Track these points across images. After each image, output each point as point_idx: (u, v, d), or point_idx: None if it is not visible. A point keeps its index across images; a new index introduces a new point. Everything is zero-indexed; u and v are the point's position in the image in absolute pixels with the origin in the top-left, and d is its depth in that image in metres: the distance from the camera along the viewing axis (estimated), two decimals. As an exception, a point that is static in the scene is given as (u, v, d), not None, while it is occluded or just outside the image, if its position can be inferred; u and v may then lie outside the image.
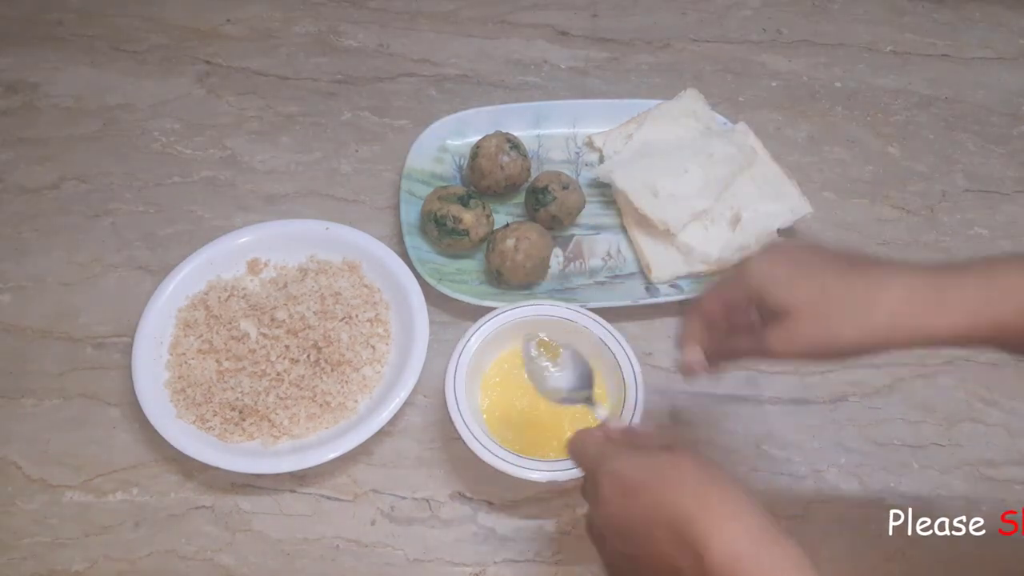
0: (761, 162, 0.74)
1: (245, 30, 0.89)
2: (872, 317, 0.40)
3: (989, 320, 0.38)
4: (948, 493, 0.59)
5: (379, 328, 0.64)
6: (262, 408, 0.59)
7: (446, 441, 0.61)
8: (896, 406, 0.64)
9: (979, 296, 0.39)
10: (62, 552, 0.56)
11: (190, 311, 0.65)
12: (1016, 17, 0.93)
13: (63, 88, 0.83)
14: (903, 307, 0.39)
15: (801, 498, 0.59)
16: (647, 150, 0.74)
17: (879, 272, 0.41)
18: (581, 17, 0.91)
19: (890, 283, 0.40)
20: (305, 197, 0.75)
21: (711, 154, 0.73)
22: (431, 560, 0.56)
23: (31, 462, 0.60)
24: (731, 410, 0.63)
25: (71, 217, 0.74)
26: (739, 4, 0.94)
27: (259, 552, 0.56)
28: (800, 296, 0.41)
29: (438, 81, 0.85)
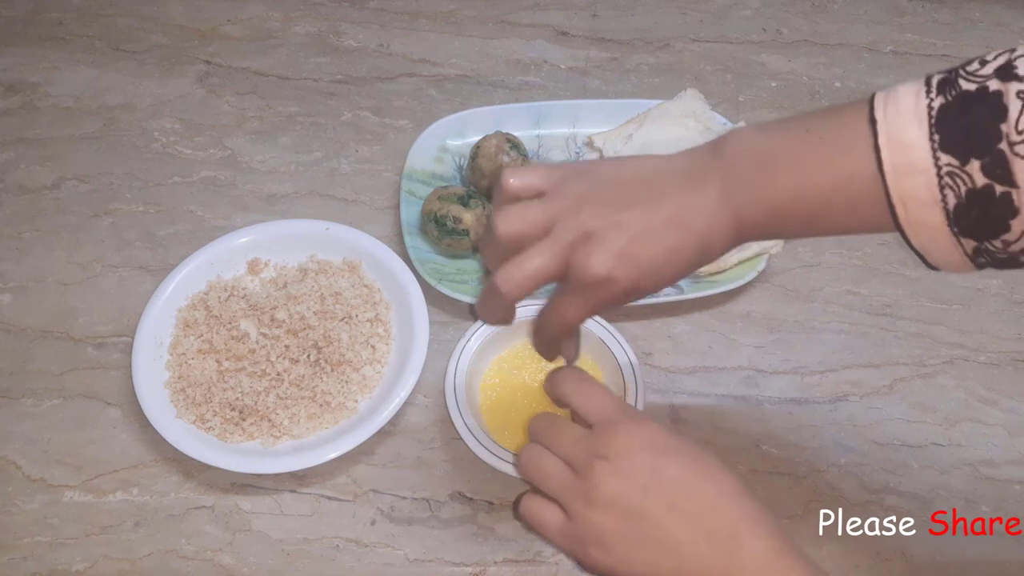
0: (761, 162, 0.73)
1: (245, 30, 0.89)
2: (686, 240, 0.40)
3: (784, 210, 0.39)
4: (948, 493, 0.59)
5: (379, 328, 0.64)
6: (262, 408, 0.59)
7: (446, 441, 0.61)
8: (896, 406, 0.64)
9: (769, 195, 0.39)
10: (62, 552, 0.56)
11: (190, 311, 0.65)
12: (1016, 17, 0.93)
13: (63, 88, 0.83)
14: (716, 232, 0.40)
15: (801, 498, 0.59)
16: (647, 150, 0.74)
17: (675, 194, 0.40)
18: (581, 17, 0.92)
19: (696, 208, 0.39)
20: (305, 197, 0.75)
21: (711, 154, 0.73)
22: (431, 560, 0.56)
23: (31, 462, 0.60)
24: (731, 410, 0.63)
25: (71, 217, 0.74)
26: (739, 4, 0.94)
27: (259, 552, 0.56)
28: (618, 224, 0.40)
29: (438, 81, 0.85)
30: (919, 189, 0.35)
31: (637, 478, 0.40)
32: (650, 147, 0.75)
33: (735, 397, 0.64)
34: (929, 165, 0.35)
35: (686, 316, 0.68)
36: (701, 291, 0.67)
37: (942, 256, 0.37)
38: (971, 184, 0.34)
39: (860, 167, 0.36)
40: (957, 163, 0.34)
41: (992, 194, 0.34)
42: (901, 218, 0.36)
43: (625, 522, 0.39)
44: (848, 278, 0.71)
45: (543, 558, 0.56)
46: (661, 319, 0.68)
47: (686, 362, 0.66)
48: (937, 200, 0.35)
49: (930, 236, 0.36)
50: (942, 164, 0.34)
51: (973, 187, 0.34)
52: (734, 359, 0.66)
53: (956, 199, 0.35)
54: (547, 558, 0.56)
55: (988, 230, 0.35)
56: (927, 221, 0.36)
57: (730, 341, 0.67)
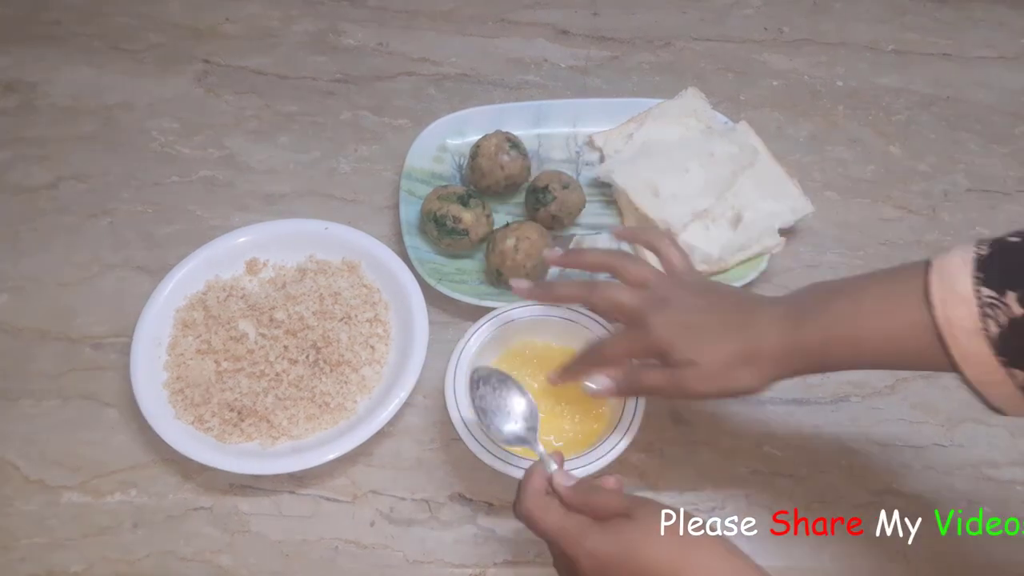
0: (762, 161, 0.73)
1: (244, 29, 0.89)
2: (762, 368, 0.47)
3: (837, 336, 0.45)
4: (950, 494, 0.59)
5: (378, 328, 0.64)
6: (261, 409, 0.59)
7: (446, 442, 0.60)
8: (897, 406, 0.63)
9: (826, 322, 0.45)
10: (60, 553, 0.55)
11: (188, 311, 0.64)
12: (1018, 17, 0.93)
13: (61, 87, 0.83)
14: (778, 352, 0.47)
15: (801, 498, 0.59)
16: (648, 149, 0.74)
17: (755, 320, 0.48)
18: (581, 16, 0.91)
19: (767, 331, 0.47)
20: (304, 197, 0.75)
21: (712, 153, 0.72)
22: (431, 562, 0.56)
23: (29, 463, 0.59)
24: (731, 410, 0.63)
25: (69, 217, 0.73)
26: (740, 3, 0.93)
27: (258, 553, 0.56)
28: (702, 354, 0.48)
29: (438, 80, 0.85)
30: (964, 319, 0.40)
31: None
32: (651, 146, 0.74)
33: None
34: (971, 296, 0.40)
35: (687, 316, 0.68)
36: (702, 291, 0.67)
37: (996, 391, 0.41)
38: (1010, 313, 0.39)
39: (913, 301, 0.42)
40: (996, 295, 0.39)
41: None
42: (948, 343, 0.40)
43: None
44: (849, 278, 0.70)
45: (543, 559, 0.56)
46: (662, 319, 0.67)
47: (687, 362, 0.65)
48: (979, 328, 0.39)
49: (981, 368, 0.40)
50: (983, 296, 0.39)
51: (1012, 316, 0.39)
52: (735, 359, 0.66)
53: (997, 327, 0.39)
54: (547, 560, 0.56)
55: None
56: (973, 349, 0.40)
57: (731, 341, 0.67)
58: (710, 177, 0.71)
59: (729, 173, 0.72)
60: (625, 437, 0.55)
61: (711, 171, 0.71)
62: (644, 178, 0.71)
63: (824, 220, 0.74)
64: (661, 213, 0.69)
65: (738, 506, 0.58)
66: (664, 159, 0.72)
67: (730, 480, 0.59)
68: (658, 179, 0.71)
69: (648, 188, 0.71)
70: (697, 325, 0.49)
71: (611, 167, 0.73)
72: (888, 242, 0.73)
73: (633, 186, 0.71)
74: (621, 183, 0.71)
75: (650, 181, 0.71)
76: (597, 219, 0.73)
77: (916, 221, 0.75)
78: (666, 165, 0.72)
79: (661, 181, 0.71)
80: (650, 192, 0.70)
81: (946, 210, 0.76)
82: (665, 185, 0.70)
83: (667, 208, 0.69)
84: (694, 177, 0.71)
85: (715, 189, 0.71)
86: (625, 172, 0.72)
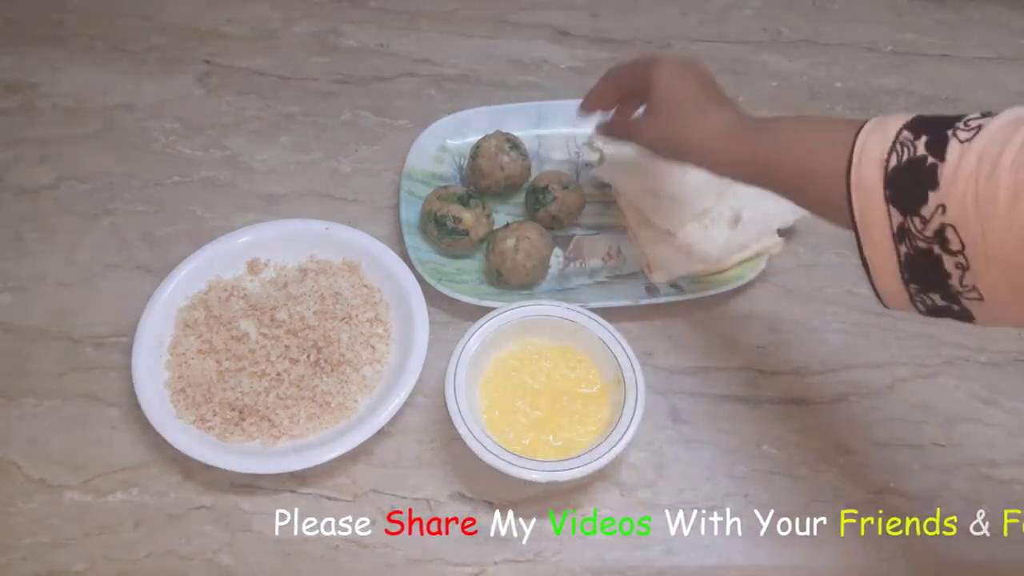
0: (761, 162, 0.73)
1: (245, 30, 0.89)
2: (694, 132, 0.54)
3: (761, 158, 0.50)
4: (948, 494, 0.59)
5: (379, 328, 0.64)
6: (262, 408, 0.59)
7: (446, 441, 0.61)
8: (896, 406, 0.64)
9: (763, 140, 0.50)
10: (62, 552, 0.56)
11: (190, 311, 0.65)
12: (1016, 17, 0.93)
13: (63, 88, 0.83)
14: (714, 136, 0.53)
15: (801, 498, 0.59)
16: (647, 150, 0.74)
17: (721, 107, 0.54)
18: (581, 17, 0.91)
19: (721, 113, 0.53)
20: (305, 197, 0.75)
21: (711, 154, 0.72)
22: (431, 560, 0.56)
23: (31, 462, 0.60)
24: (731, 410, 0.63)
25: (71, 217, 0.74)
26: (739, 4, 0.94)
27: (259, 552, 0.56)
28: (669, 100, 0.55)
29: (438, 81, 0.85)
30: (875, 149, 0.42)
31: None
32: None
33: (735, 397, 0.64)
34: (892, 135, 0.42)
35: (686, 316, 0.68)
36: (701, 291, 0.67)
37: (874, 234, 0.43)
38: (913, 153, 0.40)
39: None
40: (912, 136, 0.41)
41: (924, 163, 0.40)
42: (852, 166, 0.43)
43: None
44: (848, 278, 0.71)
45: (543, 558, 0.56)
46: (661, 319, 0.67)
47: (686, 362, 0.66)
48: (882, 159, 0.41)
49: (867, 198, 0.42)
50: (901, 135, 0.41)
51: (913, 155, 0.40)
52: (734, 359, 0.66)
53: (897, 161, 0.41)
54: (547, 558, 0.56)
55: (912, 197, 0.40)
56: (868, 175, 0.42)
57: (730, 341, 0.67)
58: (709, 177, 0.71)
59: (728, 173, 0.72)
60: (625, 436, 0.55)
61: (710, 171, 0.72)
62: (643, 178, 0.71)
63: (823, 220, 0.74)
64: (660, 213, 0.69)
65: (738, 506, 0.59)
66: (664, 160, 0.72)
67: (730, 480, 0.60)
68: (657, 180, 0.71)
69: (647, 188, 0.71)
70: (687, 85, 0.55)
71: (611, 167, 0.73)
72: (887, 242, 0.73)
73: (632, 187, 0.71)
74: (621, 183, 0.71)
75: (649, 182, 0.71)
76: (597, 219, 0.73)
77: (915, 221, 0.75)
78: (665, 165, 0.72)
79: (660, 181, 0.71)
80: (649, 192, 0.71)
81: (945, 210, 0.76)
82: (664, 185, 0.71)
83: (666, 208, 0.69)
84: (693, 177, 0.71)
85: (714, 189, 0.71)
86: (625, 172, 0.72)
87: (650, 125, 0.57)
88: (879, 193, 0.41)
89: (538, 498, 0.58)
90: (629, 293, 0.67)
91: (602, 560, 0.56)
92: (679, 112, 0.55)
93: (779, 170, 0.49)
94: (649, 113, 0.57)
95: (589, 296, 0.67)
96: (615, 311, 0.65)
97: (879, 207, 0.42)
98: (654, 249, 0.69)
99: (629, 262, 0.71)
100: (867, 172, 0.42)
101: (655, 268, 0.68)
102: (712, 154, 0.53)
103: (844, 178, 0.43)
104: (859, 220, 0.43)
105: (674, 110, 0.55)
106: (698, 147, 0.54)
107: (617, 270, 0.70)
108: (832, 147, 0.44)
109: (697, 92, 0.55)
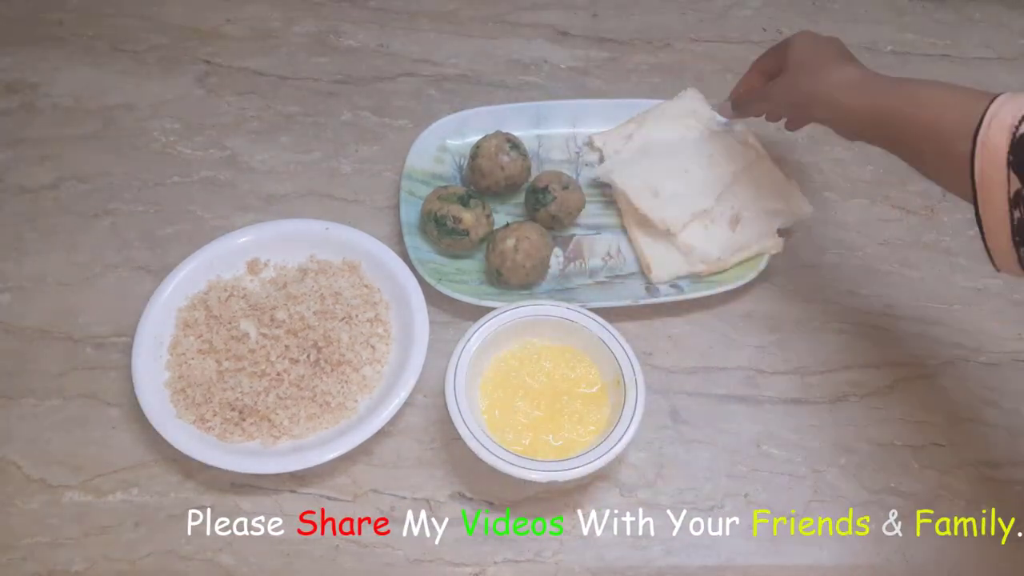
0: (761, 162, 0.74)
1: (245, 30, 0.89)
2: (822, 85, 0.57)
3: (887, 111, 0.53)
4: (949, 494, 0.59)
5: (379, 328, 0.64)
6: (262, 408, 0.59)
7: (446, 441, 0.61)
8: (896, 406, 0.64)
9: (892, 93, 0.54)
10: (62, 552, 0.56)
11: (190, 311, 0.65)
12: (1016, 17, 0.93)
13: (63, 88, 0.83)
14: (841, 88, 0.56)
15: (801, 498, 0.59)
16: (647, 150, 0.74)
17: (851, 63, 0.59)
18: (581, 17, 0.91)
19: (850, 70, 0.58)
20: (305, 197, 0.75)
21: (711, 154, 0.73)
22: (431, 560, 0.56)
23: (31, 462, 0.60)
24: (731, 410, 0.63)
25: (71, 217, 0.73)
26: (739, 4, 0.94)
27: (259, 552, 0.56)
28: (802, 60, 0.60)
29: (438, 81, 0.85)
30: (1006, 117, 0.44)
31: None
32: (650, 147, 0.74)
33: (735, 397, 0.64)
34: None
35: (686, 316, 0.68)
36: (701, 291, 0.67)
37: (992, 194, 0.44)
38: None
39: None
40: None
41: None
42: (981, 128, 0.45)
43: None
44: (848, 278, 0.71)
45: (543, 558, 0.56)
46: (661, 319, 0.67)
47: (686, 362, 0.66)
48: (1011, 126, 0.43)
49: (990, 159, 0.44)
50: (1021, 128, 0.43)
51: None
52: (734, 359, 0.66)
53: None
54: (547, 558, 0.56)
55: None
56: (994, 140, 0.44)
57: (730, 341, 0.67)
58: (709, 178, 0.71)
59: (728, 174, 0.72)
60: (625, 436, 0.55)
61: (710, 172, 0.72)
62: (643, 179, 0.71)
63: (823, 220, 0.74)
64: (660, 213, 0.69)
65: (737, 506, 0.59)
66: (663, 160, 0.73)
67: (729, 480, 0.60)
68: (657, 180, 0.71)
69: (648, 189, 0.71)
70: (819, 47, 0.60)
71: (611, 167, 0.73)
72: (887, 242, 0.73)
73: (633, 187, 0.71)
74: (621, 183, 0.71)
75: (649, 182, 0.71)
76: (597, 219, 0.73)
77: (914, 221, 0.75)
78: (665, 166, 0.72)
79: (660, 182, 0.71)
80: (649, 193, 0.71)
81: (944, 210, 0.76)
82: (664, 186, 0.71)
83: (666, 208, 0.69)
84: (693, 178, 0.71)
85: (714, 190, 0.71)
86: (624, 173, 0.72)
87: (782, 82, 0.61)
88: (1003, 157, 0.43)
89: (538, 498, 0.58)
90: (629, 293, 0.68)
91: (602, 560, 0.56)
92: (810, 67, 0.59)
93: (904, 124, 0.51)
94: (783, 74, 0.61)
95: (589, 296, 0.67)
96: (615, 311, 0.65)
97: (1000, 170, 0.43)
98: (654, 249, 0.69)
99: (629, 262, 0.71)
100: (995, 135, 0.44)
101: (655, 268, 0.68)
102: (839, 105, 0.56)
103: (971, 138, 0.45)
104: (979, 180, 0.45)
105: (805, 66, 0.59)
106: (826, 98, 0.57)
107: (617, 270, 0.70)
108: (963, 108, 0.47)
109: (827, 50, 0.59)
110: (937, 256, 0.73)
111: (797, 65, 0.60)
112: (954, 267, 0.72)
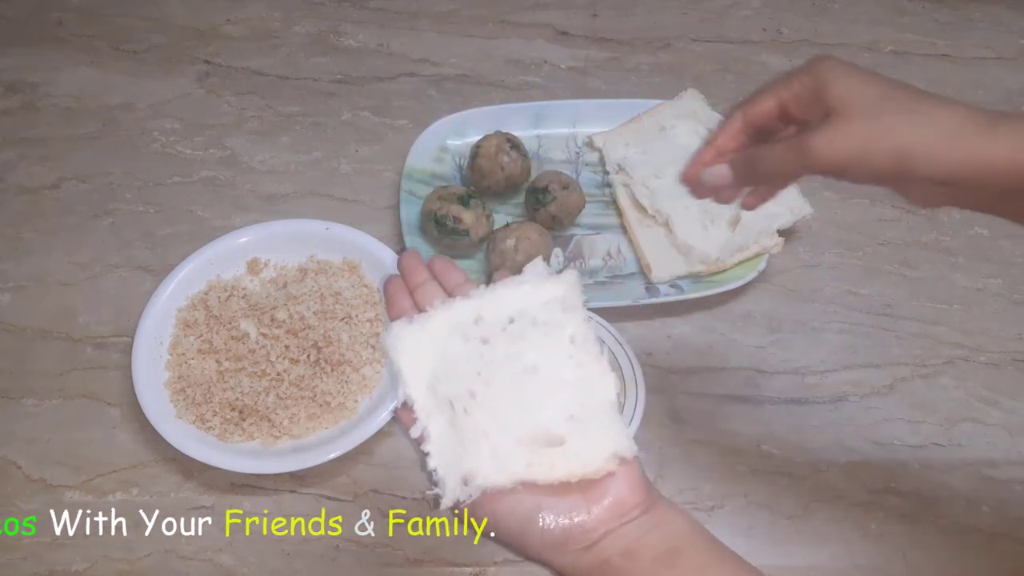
0: (761, 162, 0.73)
1: (245, 30, 0.89)
2: (926, 126, 0.39)
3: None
4: (949, 494, 0.59)
5: (379, 328, 0.64)
6: (262, 408, 0.59)
7: (446, 441, 0.61)
8: (896, 406, 0.64)
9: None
10: (61, 552, 0.56)
11: (190, 311, 0.65)
12: (1016, 17, 0.93)
13: (63, 88, 0.83)
14: (958, 127, 0.39)
15: (801, 498, 0.59)
16: (647, 150, 0.74)
17: (938, 99, 0.41)
18: (581, 17, 0.91)
19: (950, 105, 0.40)
20: (305, 197, 0.75)
21: (711, 154, 0.73)
22: (431, 560, 0.56)
23: (31, 462, 0.60)
24: (731, 410, 0.63)
25: (71, 217, 0.74)
26: (739, 4, 0.94)
27: (259, 552, 0.56)
28: (862, 93, 0.41)
29: (438, 81, 0.85)
30: None
31: None
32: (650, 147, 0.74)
33: (735, 397, 0.64)
34: None
35: (686, 316, 0.68)
36: (701, 291, 0.67)
37: None
38: None
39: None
40: None
41: None
42: None
43: None
44: (848, 278, 0.71)
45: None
46: (661, 319, 0.68)
47: (686, 362, 0.66)
48: None
49: None
50: None
51: None
52: (734, 359, 0.66)
53: None
54: (547, 558, 0.56)
55: None
56: None
57: (730, 341, 0.67)
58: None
59: (728, 173, 0.72)
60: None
61: (710, 171, 0.72)
62: (644, 179, 0.71)
63: (823, 220, 0.74)
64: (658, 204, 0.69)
65: (737, 505, 0.59)
66: (664, 160, 0.73)
67: (729, 479, 0.60)
68: (657, 180, 0.71)
69: (648, 189, 0.71)
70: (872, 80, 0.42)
71: (610, 168, 0.73)
72: (887, 242, 0.73)
73: (633, 187, 0.71)
74: (621, 183, 0.71)
75: (650, 182, 0.71)
76: (597, 219, 0.73)
77: (914, 221, 0.75)
78: (665, 166, 0.72)
79: (660, 182, 0.71)
80: (649, 193, 0.71)
81: (945, 210, 0.76)
82: (664, 186, 0.71)
83: (666, 208, 0.69)
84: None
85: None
86: (624, 173, 0.72)
87: (842, 134, 0.41)
88: None
89: (538, 498, 0.58)
90: (629, 293, 0.68)
91: (602, 560, 0.56)
92: (886, 109, 0.40)
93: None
94: (832, 122, 0.41)
95: (589, 296, 0.67)
96: (615, 311, 0.65)
97: None
98: (654, 249, 0.69)
99: (629, 262, 0.71)
100: None
101: (655, 268, 0.68)
102: (950, 156, 0.39)
103: None
104: None
105: (878, 109, 0.41)
106: (927, 150, 0.39)
107: (617, 270, 0.70)
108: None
109: (896, 85, 0.42)
110: (937, 256, 0.73)
111: (858, 108, 0.41)
112: (954, 267, 0.72)
